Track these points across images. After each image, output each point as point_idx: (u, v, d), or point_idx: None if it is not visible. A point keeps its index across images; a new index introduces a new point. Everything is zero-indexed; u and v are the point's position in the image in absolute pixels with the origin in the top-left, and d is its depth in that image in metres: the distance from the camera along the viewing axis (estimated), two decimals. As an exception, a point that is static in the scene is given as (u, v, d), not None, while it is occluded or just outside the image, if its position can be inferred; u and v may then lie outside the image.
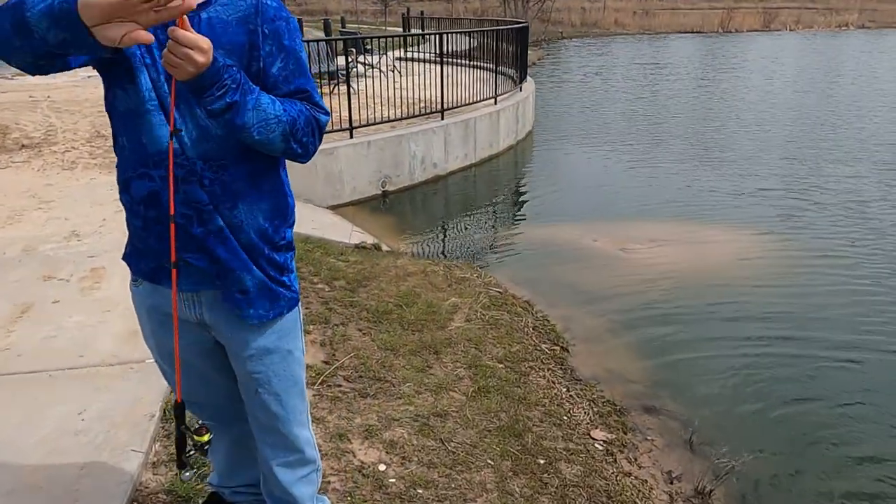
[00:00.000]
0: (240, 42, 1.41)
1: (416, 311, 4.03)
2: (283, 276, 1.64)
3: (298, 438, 1.80)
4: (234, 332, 1.63)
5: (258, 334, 1.64)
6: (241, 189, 1.50)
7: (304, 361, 1.78)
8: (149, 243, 1.54)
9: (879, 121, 12.44)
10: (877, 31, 42.55)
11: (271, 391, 1.70)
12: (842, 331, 4.50)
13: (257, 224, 1.54)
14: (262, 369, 1.67)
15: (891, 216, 6.86)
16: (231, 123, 1.36)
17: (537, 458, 2.86)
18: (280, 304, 1.64)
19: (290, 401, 1.74)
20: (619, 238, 6.19)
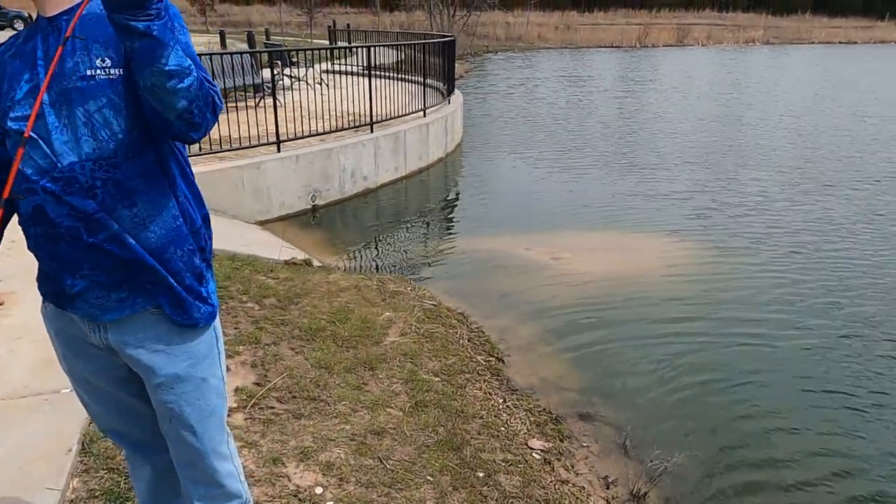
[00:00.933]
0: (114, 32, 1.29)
1: (350, 327, 3.96)
2: (199, 286, 1.54)
3: (218, 472, 1.70)
4: (138, 356, 1.53)
5: (167, 359, 1.53)
6: (138, 186, 1.41)
7: (223, 390, 1.67)
8: (45, 263, 1.45)
9: (781, 128, 13.22)
10: (780, 46, 45.35)
11: (185, 423, 1.60)
12: (764, 326, 4.72)
13: (166, 221, 1.45)
14: (173, 399, 1.57)
15: (792, 214, 7.28)
16: (148, 55, 1.21)
17: (476, 472, 2.85)
18: (195, 317, 1.53)
19: (207, 433, 1.63)
20: (550, 247, 6.31)
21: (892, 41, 49.70)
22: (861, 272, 5.86)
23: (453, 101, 11.25)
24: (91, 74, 1.33)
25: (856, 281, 5.65)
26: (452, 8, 34.51)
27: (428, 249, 6.48)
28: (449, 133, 10.36)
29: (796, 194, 8.42)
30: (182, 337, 1.54)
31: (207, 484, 1.71)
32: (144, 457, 1.78)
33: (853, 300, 5.25)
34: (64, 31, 1.34)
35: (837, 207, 7.82)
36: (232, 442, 1.76)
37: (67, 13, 1.36)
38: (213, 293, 1.61)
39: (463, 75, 22.68)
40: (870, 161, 10.47)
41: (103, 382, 1.59)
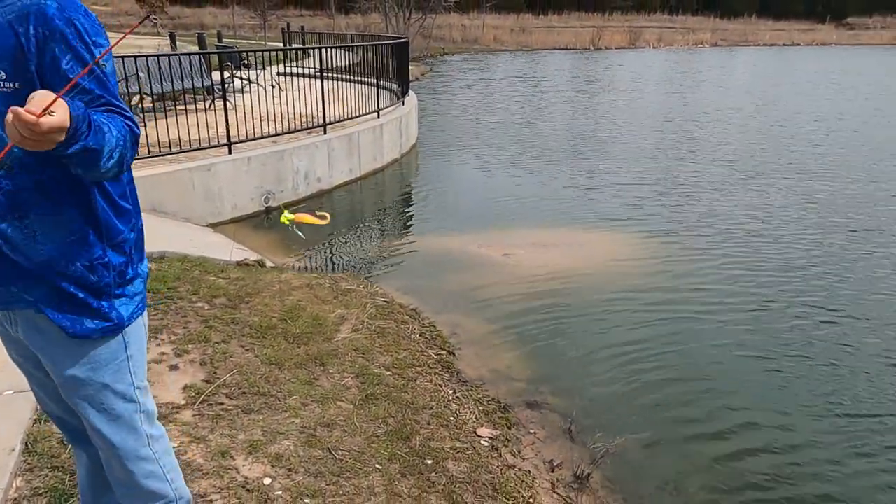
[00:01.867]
0: (10, 44, 1.33)
1: (302, 324, 3.99)
2: (95, 300, 1.52)
3: (134, 473, 1.71)
4: (42, 354, 1.55)
5: (66, 360, 1.53)
6: (29, 199, 1.41)
7: (135, 394, 1.66)
8: None
9: (725, 126, 13.67)
10: (727, 48, 46.71)
11: (91, 424, 1.61)
12: (705, 314, 4.91)
13: (60, 235, 1.45)
14: (76, 400, 1.58)
15: (729, 204, 7.57)
16: (87, 162, 1.29)
17: (425, 459, 2.93)
18: (84, 329, 1.52)
19: (116, 435, 1.64)
20: (503, 244, 6.43)
21: (832, 43, 51.67)
22: (793, 254, 6.13)
23: (407, 103, 11.32)
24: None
25: (789, 262, 5.91)
26: (408, 10, 34.60)
27: (382, 248, 6.54)
28: (403, 134, 10.42)
29: (734, 185, 8.74)
30: (79, 342, 1.53)
31: (125, 483, 1.73)
32: (81, 446, 1.81)
33: (788, 281, 5.50)
34: None
35: (774, 196, 8.15)
36: (161, 443, 1.76)
37: None
38: (121, 307, 1.57)
39: (419, 77, 22.77)
40: (806, 154, 10.92)
41: (33, 368, 1.61)
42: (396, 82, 11.45)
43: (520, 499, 2.83)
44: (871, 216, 7.60)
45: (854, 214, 7.65)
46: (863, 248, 6.49)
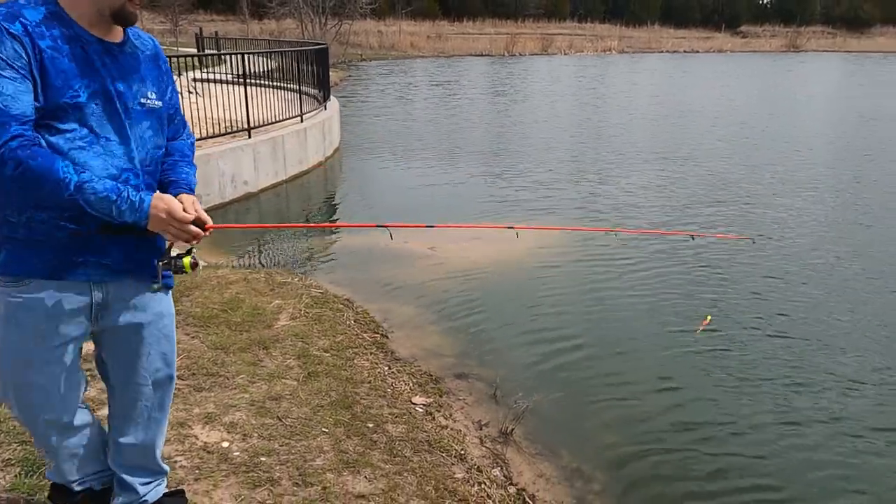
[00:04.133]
0: (155, 74, 1.90)
1: (242, 313, 4.22)
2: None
3: (159, 437, 2.19)
4: (137, 311, 1.95)
5: (161, 307, 2.04)
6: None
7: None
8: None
9: (640, 129, 14.64)
10: (634, 54, 49.19)
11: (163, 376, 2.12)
12: (613, 297, 5.45)
13: None
14: (155, 349, 2.05)
15: (647, 197, 8.27)
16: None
17: (367, 423, 3.25)
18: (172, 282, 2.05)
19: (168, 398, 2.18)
20: (427, 239, 6.79)
21: (728, 50, 55.29)
22: (701, 246, 6.81)
23: (330, 107, 11.55)
24: None
25: (699, 255, 6.58)
26: (324, 16, 34.60)
27: (312, 246, 6.78)
28: (327, 138, 10.65)
29: (652, 179, 9.48)
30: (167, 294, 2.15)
31: (146, 446, 2.15)
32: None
33: (692, 269, 6.15)
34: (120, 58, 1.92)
35: (678, 179, 8.94)
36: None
37: None
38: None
39: (338, 83, 22.91)
40: (710, 144, 11.91)
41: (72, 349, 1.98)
42: (318, 87, 11.65)
43: (452, 451, 3.19)
44: (754, 189, 8.47)
45: (742, 185, 8.50)
46: (762, 221, 7.28)
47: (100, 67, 1.73)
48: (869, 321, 5.11)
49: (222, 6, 49.58)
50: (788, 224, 7.63)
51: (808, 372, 4.33)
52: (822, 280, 5.95)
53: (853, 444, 3.60)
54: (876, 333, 4.92)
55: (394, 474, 2.87)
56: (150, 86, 1.87)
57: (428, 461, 3.05)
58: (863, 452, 3.54)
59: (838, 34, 62.78)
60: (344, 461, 2.86)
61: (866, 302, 5.48)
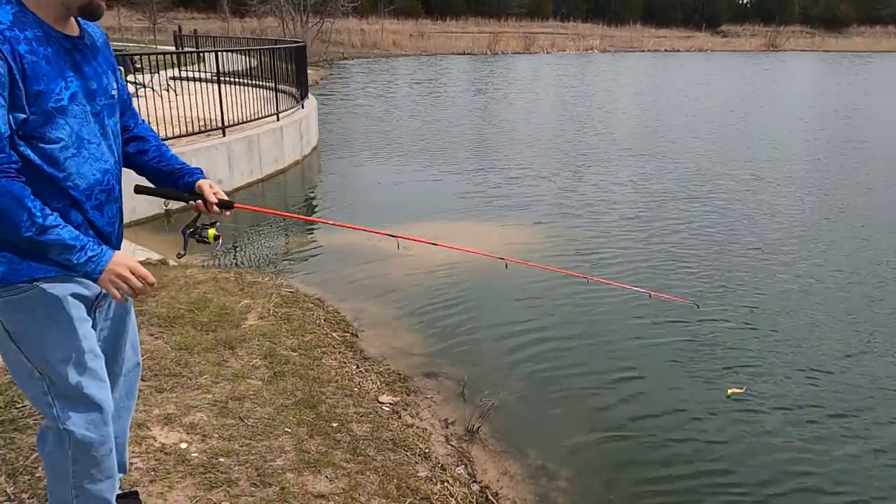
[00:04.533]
0: (111, 63, 1.87)
1: (209, 313, 4.19)
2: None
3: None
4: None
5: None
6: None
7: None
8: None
9: (618, 127, 14.73)
10: (615, 53, 49.45)
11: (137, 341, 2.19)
12: (579, 290, 5.48)
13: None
14: (130, 321, 2.10)
15: (621, 193, 8.31)
16: None
17: (331, 423, 3.23)
18: None
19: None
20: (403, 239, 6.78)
21: (708, 49, 55.75)
22: (669, 229, 6.87)
23: (307, 106, 11.49)
24: None
25: (672, 249, 6.63)
26: (305, 14, 34.40)
27: (285, 245, 6.74)
28: (304, 136, 10.60)
29: (629, 177, 9.54)
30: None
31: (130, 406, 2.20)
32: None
33: (663, 262, 6.19)
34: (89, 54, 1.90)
35: (670, 185, 9.00)
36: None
37: None
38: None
39: (319, 82, 22.81)
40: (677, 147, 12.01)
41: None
42: (295, 86, 11.59)
43: (417, 450, 3.19)
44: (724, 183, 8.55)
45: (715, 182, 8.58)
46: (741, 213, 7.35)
47: (74, 66, 1.70)
48: (832, 310, 5.18)
49: (203, 4, 49.12)
50: (763, 215, 7.71)
51: (769, 360, 4.40)
52: (787, 272, 6.02)
53: (809, 430, 3.67)
54: (836, 324, 4.99)
55: (356, 473, 2.86)
56: (111, 76, 1.86)
57: (391, 460, 3.04)
58: (820, 438, 3.59)
59: (817, 34, 63.58)
60: (305, 461, 2.84)
61: (831, 292, 5.56)
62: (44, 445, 1.87)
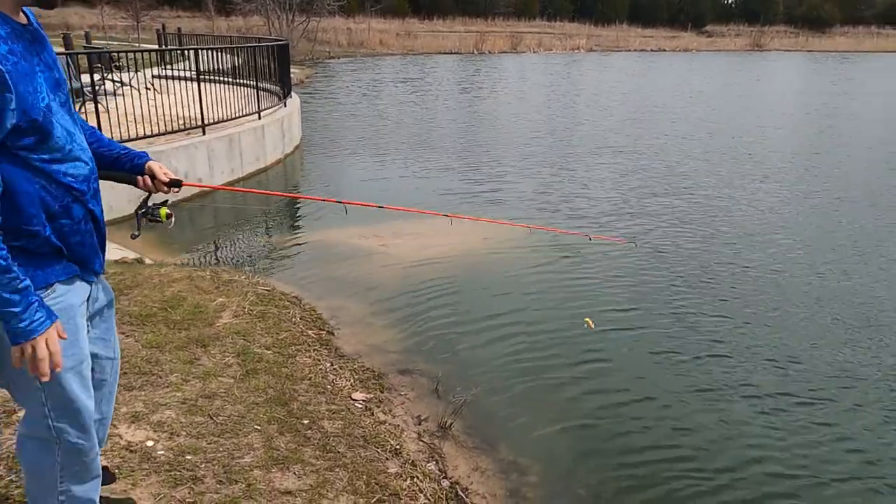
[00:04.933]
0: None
1: (183, 312, 4.16)
2: None
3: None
4: (109, 305, 2.09)
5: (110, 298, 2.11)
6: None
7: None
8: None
9: (599, 126, 14.78)
10: (602, 53, 49.60)
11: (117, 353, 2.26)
12: (554, 287, 5.50)
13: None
14: (112, 330, 2.16)
15: (594, 192, 8.35)
16: None
17: (302, 420, 3.23)
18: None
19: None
20: (384, 235, 6.78)
21: (694, 49, 56.05)
22: (643, 226, 6.91)
23: (290, 104, 11.44)
24: None
25: (642, 235, 6.66)
26: (291, 13, 34.25)
27: (264, 244, 6.71)
28: (286, 135, 10.56)
29: (607, 177, 9.58)
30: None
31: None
32: None
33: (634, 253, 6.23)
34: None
35: (631, 175, 9.05)
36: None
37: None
38: None
39: (304, 80, 22.73)
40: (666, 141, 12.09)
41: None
42: (278, 84, 11.54)
43: (388, 447, 3.19)
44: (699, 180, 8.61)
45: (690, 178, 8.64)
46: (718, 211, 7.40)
47: (38, 58, 1.65)
48: (799, 300, 5.24)
49: (189, 3, 48.78)
50: (738, 206, 7.77)
51: (733, 349, 4.48)
52: (750, 260, 6.08)
53: (776, 417, 3.72)
54: (799, 311, 5.05)
55: (325, 470, 2.85)
56: (58, 63, 1.78)
57: (362, 456, 3.04)
58: (784, 424, 3.64)
59: (801, 34, 64.10)
60: (273, 458, 2.83)
61: (791, 281, 5.62)
62: (25, 454, 1.88)
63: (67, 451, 1.84)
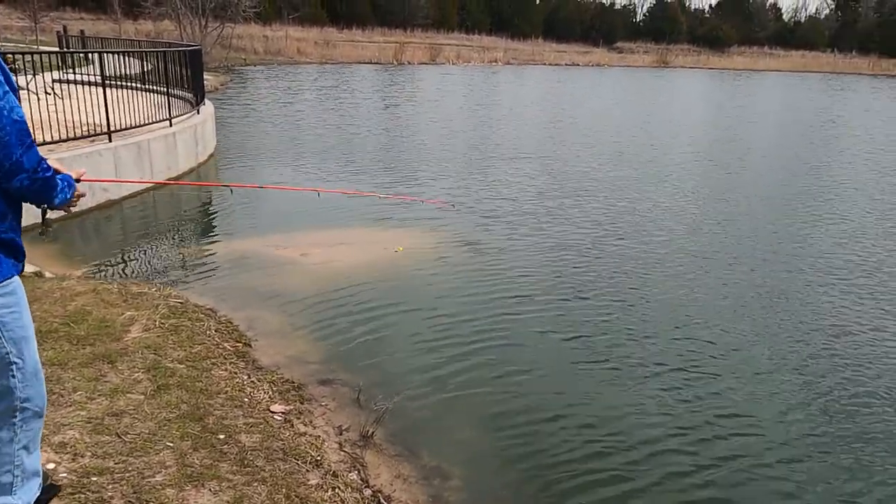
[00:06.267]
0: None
1: (87, 327, 3.95)
2: None
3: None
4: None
5: None
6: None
7: None
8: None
9: (516, 136, 15.14)
10: (518, 66, 50.85)
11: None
12: (470, 293, 5.58)
13: None
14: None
15: (511, 200, 8.55)
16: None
17: (217, 435, 3.13)
18: None
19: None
20: (300, 245, 6.68)
21: (605, 64, 58.38)
22: (559, 229, 7.11)
23: (203, 111, 11.10)
24: None
25: (558, 240, 6.86)
26: (204, 18, 33.25)
27: (176, 255, 6.46)
28: (200, 143, 10.22)
29: (520, 187, 9.80)
30: None
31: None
32: None
33: (554, 272, 6.41)
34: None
35: (540, 179, 9.32)
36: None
37: None
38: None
39: (218, 87, 22.10)
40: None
41: None
42: (191, 91, 11.17)
43: (308, 458, 3.13)
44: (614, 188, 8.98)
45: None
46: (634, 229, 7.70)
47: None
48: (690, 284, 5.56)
49: (93, 4, 46.43)
50: (659, 204, 8.15)
51: (655, 353, 4.65)
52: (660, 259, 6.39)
53: (683, 402, 3.92)
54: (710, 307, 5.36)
55: (242, 485, 2.77)
56: None
57: (281, 469, 2.98)
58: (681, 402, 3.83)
59: (702, 52, 67.95)
60: (187, 475, 2.73)
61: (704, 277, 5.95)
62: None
63: (29, 419, 2.11)
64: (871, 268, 6.85)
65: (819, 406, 4.15)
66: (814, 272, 6.67)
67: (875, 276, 6.61)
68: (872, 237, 8.03)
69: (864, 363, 4.74)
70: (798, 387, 4.37)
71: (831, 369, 4.63)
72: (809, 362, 4.72)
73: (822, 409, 4.11)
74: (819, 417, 4.03)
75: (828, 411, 4.09)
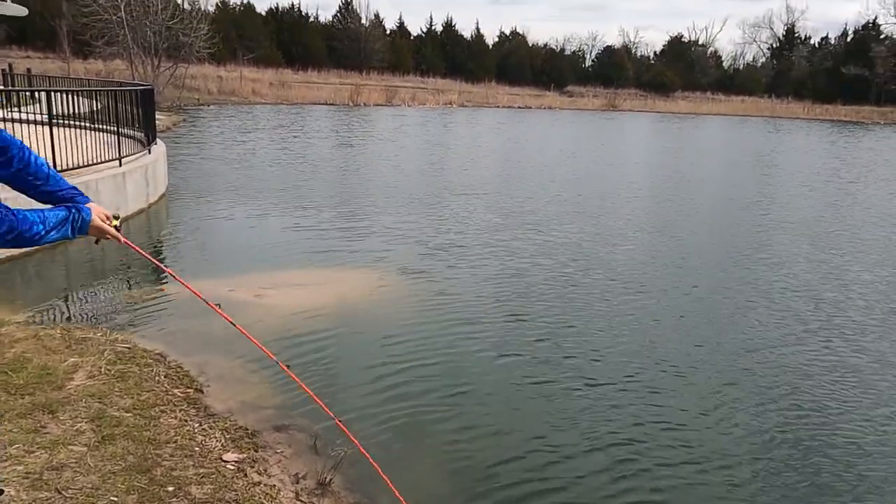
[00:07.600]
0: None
1: (27, 375, 3.76)
2: None
3: None
4: None
5: None
6: None
7: None
8: None
9: (468, 174, 15.32)
10: (473, 108, 51.83)
11: None
12: (422, 330, 5.54)
13: None
14: None
15: (472, 238, 8.59)
16: None
17: (166, 487, 2.98)
18: None
19: None
20: (254, 286, 6.53)
21: (557, 107, 60.01)
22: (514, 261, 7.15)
23: (155, 151, 10.90)
24: None
25: (518, 273, 6.89)
26: (157, 58, 33.01)
27: (127, 298, 6.24)
28: (150, 183, 10.01)
29: (469, 221, 9.87)
30: None
31: None
32: None
33: (505, 305, 6.42)
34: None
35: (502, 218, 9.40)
36: None
37: None
38: None
39: (171, 127, 21.81)
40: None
41: None
42: (142, 130, 10.98)
43: (263, 509, 3.01)
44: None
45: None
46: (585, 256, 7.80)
47: None
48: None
49: (41, 43, 45.59)
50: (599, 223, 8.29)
51: (597, 370, 4.68)
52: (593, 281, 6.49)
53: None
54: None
55: (192, 540, 2.64)
56: None
57: (234, 522, 2.85)
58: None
59: (648, 97, 70.62)
60: (133, 532, 2.58)
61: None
62: None
63: None
64: (801, 289, 7.47)
65: (755, 416, 4.51)
66: (747, 293, 7.32)
67: (805, 297, 6.94)
68: (803, 263, 8.65)
69: (796, 376, 5.19)
70: (735, 399, 4.74)
71: (769, 385, 5.02)
72: (744, 379, 5.13)
73: (757, 419, 4.46)
74: (755, 427, 4.34)
75: (765, 422, 4.40)
